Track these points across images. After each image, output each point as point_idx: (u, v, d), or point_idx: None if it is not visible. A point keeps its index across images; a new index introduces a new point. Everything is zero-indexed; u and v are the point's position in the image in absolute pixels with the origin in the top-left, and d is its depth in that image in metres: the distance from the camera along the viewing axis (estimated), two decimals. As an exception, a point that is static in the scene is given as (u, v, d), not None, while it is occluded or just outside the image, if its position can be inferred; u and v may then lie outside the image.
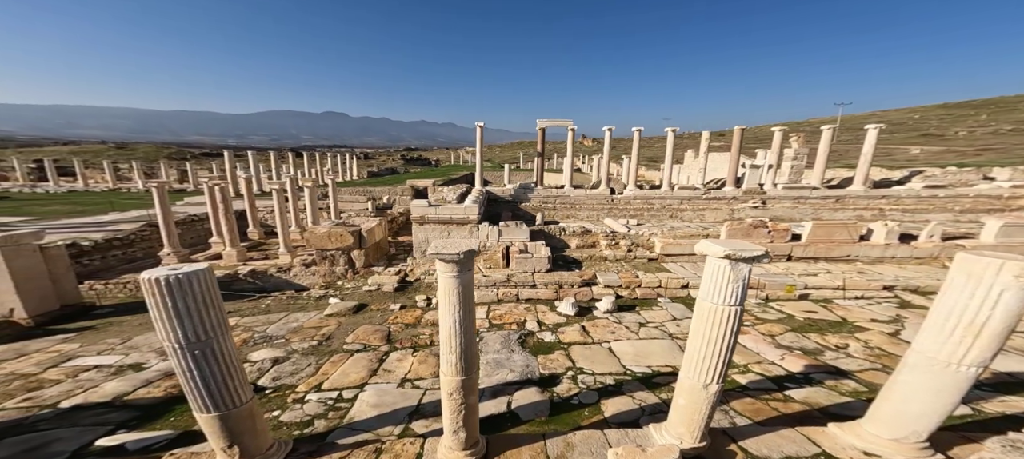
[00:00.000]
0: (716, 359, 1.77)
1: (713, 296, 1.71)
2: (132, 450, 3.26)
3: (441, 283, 2.45)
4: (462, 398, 2.70)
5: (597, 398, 3.87)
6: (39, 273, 5.46)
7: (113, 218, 10.41)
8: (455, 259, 2.32)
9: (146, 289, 2.19)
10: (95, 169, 32.45)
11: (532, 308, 7.10)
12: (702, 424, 2.05)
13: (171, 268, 2.31)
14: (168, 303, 2.21)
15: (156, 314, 2.25)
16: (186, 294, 2.23)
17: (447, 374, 2.67)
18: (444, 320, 2.54)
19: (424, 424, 3.71)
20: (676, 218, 12.94)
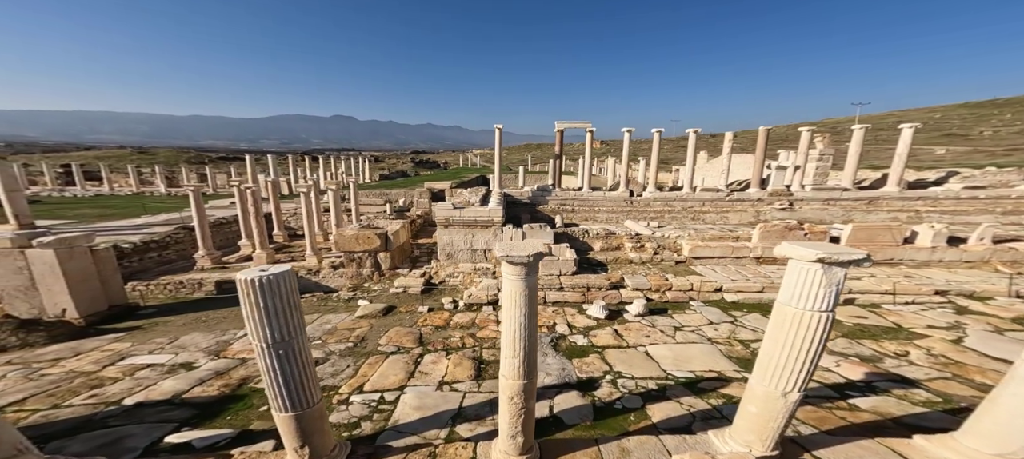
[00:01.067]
0: (800, 367, 1.78)
1: (799, 301, 1.73)
2: (198, 448, 3.41)
3: (507, 286, 2.50)
4: (522, 403, 2.74)
5: (641, 403, 3.88)
6: (90, 274, 5.76)
7: (145, 221, 10.85)
8: (524, 262, 2.37)
9: (241, 289, 2.29)
10: (119, 173, 33.79)
11: (560, 311, 7.14)
12: (776, 433, 2.05)
13: (261, 269, 2.42)
14: (260, 303, 2.31)
15: (248, 313, 2.35)
16: (275, 294, 2.33)
17: (509, 377, 2.72)
18: (508, 323, 2.59)
19: (469, 427, 3.77)
20: (698, 220, 12.80)
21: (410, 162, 62.18)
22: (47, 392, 3.83)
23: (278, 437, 3.62)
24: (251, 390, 4.42)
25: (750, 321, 5.66)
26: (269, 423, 3.78)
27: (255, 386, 4.48)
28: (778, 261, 7.64)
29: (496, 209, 9.40)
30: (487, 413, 3.97)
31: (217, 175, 33.59)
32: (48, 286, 5.39)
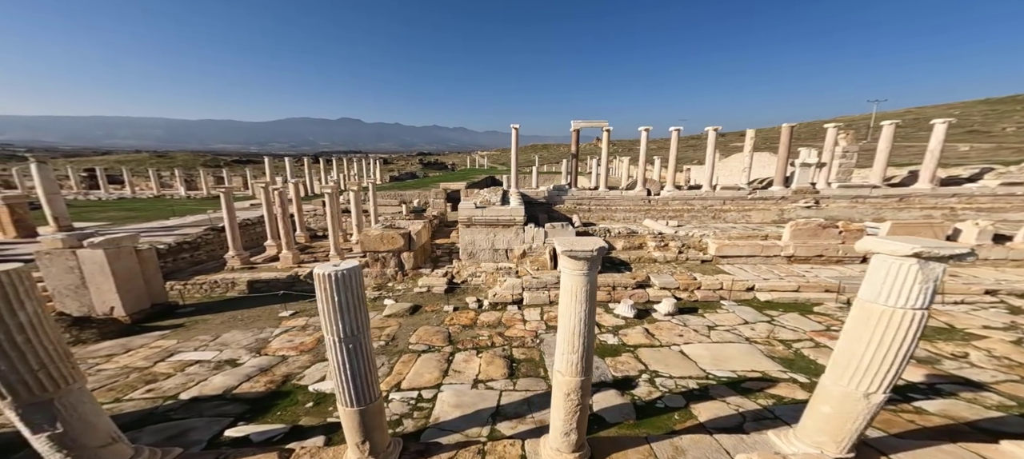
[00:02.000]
0: (887, 367, 1.76)
1: (887, 298, 1.71)
2: (256, 441, 3.52)
3: (566, 281, 2.52)
4: (579, 399, 2.76)
5: (684, 402, 3.87)
6: (135, 274, 6.00)
7: (174, 223, 11.22)
8: (588, 256, 2.39)
9: (319, 283, 2.36)
10: (140, 177, 34.88)
11: (586, 310, 7.14)
12: (854, 435, 2.02)
13: (334, 264, 2.49)
14: (335, 297, 2.39)
15: (323, 307, 2.43)
16: (347, 289, 2.40)
17: (566, 374, 2.74)
18: (567, 319, 2.61)
19: (510, 425, 3.81)
20: (719, 219, 12.64)
21: (418, 163, 62.80)
22: (107, 386, 4.01)
23: (327, 432, 3.75)
24: (295, 387, 4.54)
25: (788, 321, 5.59)
26: (317, 419, 3.89)
27: (298, 383, 4.61)
28: (810, 260, 7.51)
29: (518, 209, 9.45)
30: (525, 411, 4.01)
31: (233, 178, 34.44)
32: (97, 285, 5.63)
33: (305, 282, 8.38)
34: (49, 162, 11.13)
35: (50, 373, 1.99)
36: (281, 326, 6.55)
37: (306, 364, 5.11)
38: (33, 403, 1.98)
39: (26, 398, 1.95)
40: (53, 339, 2.03)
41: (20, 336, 1.90)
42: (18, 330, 1.89)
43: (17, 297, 1.87)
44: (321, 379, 4.65)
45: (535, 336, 6.05)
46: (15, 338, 1.88)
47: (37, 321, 1.94)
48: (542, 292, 7.79)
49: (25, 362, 1.90)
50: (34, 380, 1.94)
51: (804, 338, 4.96)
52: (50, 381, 1.99)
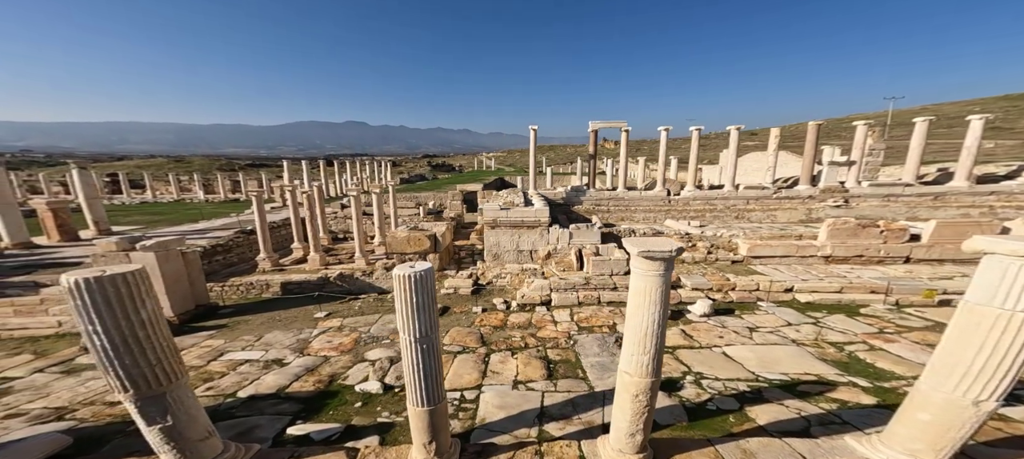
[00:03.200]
0: (1002, 374, 1.72)
1: (1005, 300, 1.68)
2: (317, 440, 3.61)
3: (640, 282, 2.51)
4: (647, 401, 2.76)
5: (737, 404, 3.84)
6: (181, 275, 6.21)
7: (203, 226, 11.54)
8: (665, 256, 2.39)
9: (399, 284, 2.41)
10: (160, 181, 35.89)
11: (617, 311, 7.15)
12: (957, 444, 1.96)
13: (410, 265, 2.55)
14: (413, 298, 2.44)
15: (401, 308, 2.48)
16: (423, 290, 2.45)
17: (635, 375, 2.74)
18: (639, 320, 2.61)
19: (557, 426, 3.82)
20: (742, 219, 12.47)
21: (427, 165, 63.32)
22: (170, 385, 4.14)
23: (379, 432, 3.83)
24: (341, 387, 4.64)
25: (834, 323, 5.50)
26: (368, 419, 3.97)
27: (343, 383, 4.71)
28: (850, 261, 7.35)
29: (543, 210, 9.47)
30: (570, 412, 4.03)
31: (248, 181, 35.19)
32: None
33: (335, 284, 8.53)
34: (101, 166, 11.51)
35: (164, 367, 2.09)
36: (318, 327, 6.68)
37: (347, 364, 5.21)
38: (149, 396, 2.09)
39: (144, 391, 2.06)
40: (165, 336, 2.13)
41: (141, 332, 2.00)
42: (140, 326, 1.99)
43: (140, 296, 1.98)
44: (364, 379, 4.74)
45: (568, 337, 6.07)
46: (137, 334, 1.99)
47: (154, 318, 2.05)
48: (570, 293, 7.79)
49: (145, 357, 2.00)
50: (152, 374, 2.04)
51: (856, 341, 4.87)
52: (164, 375, 2.09)
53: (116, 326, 1.93)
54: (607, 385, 4.48)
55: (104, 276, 1.87)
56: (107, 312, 1.89)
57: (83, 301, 1.84)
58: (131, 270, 1.96)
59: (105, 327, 1.91)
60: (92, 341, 1.91)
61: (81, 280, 1.83)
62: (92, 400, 3.63)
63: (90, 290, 1.83)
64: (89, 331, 1.89)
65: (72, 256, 7.91)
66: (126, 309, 1.95)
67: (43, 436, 2.76)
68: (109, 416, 3.28)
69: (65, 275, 1.84)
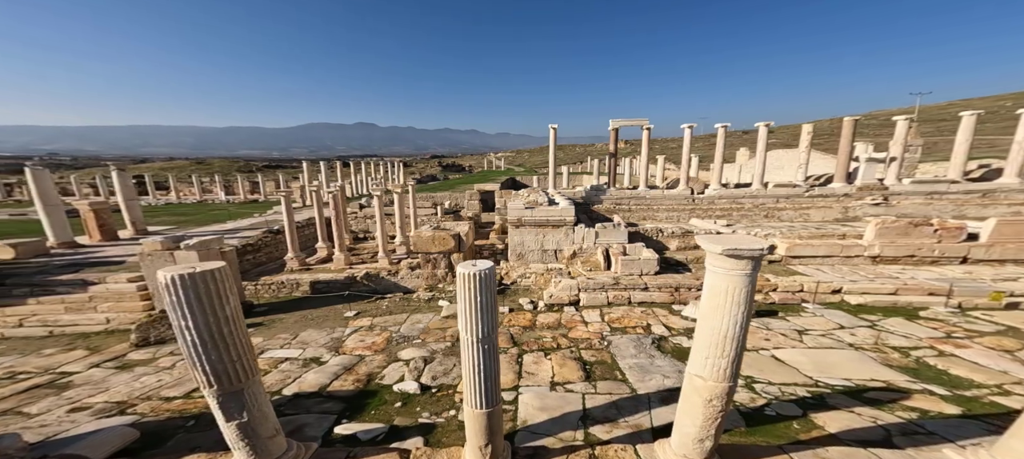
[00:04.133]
0: None
1: None
2: (363, 440, 3.59)
3: (720, 281, 2.39)
4: (722, 406, 2.62)
5: (799, 410, 3.66)
6: None
7: (232, 226, 11.81)
8: (753, 255, 2.26)
9: (464, 282, 2.35)
10: (183, 183, 37.09)
11: (649, 311, 6.98)
12: None
13: (472, 263, 2.48)
14: (478, 297, 2.37)
15: (465, 307, 2.42)
16: (487, 289, 2.38)
17: (710, 379, 2.61)
18: (716, 322, 2.48)
19: (604, 429, 3.71)
20: (772, 218, 12.06)
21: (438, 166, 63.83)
22: (217, 382, 4.18)
23: (422, 433, 3.78)
24: (379, 386, 4.62)
25: (893, 326, 5.21)
26: (409, 420, 3.93)
27: (381, 383, 4.69)
28: (900, 261, 6.98)
29: (568, 209, 9.34)
30: (615, 415, 3.91)
31: (266, 182, 36.05)
32: None
33: (362, 283, 8.59)
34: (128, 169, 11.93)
35: (243, 364, 2.08)
36: (349, 326, 6.71)
37: (382, 364, 5.20)
38: (231, 392, 2.08)
39: (226, 387, 2.06)
40: (244, 332, 2.12)
41: (225, 328, 2.00)
42: (224, 322, 1.99)
43: (225, 292, 1.96)
44: (400, 379, 4.72)
45: (601, 338, 5.96)
46: (222, 329, 1.98)
47: (236, 315, 2.04)
48: (599, 293, 7.65)
49: (228, 353, 1.99)
50: (233, 370, 2.04)
51: (921, 346, 4.59)
52: (243, 371, 2.09)
53: (205, 321, 1.94)
54: (650, 388, 4.35)
55: (196, 273, 1.86)
56: (198, 307, 1.89)
57: (177, 297, 1.84)
58: (218, 268, 1.95)
59: (195, 322, 1.91)
60: (183, 336, 1.91)
61: (176, 276, 1.83)
62: (148, 395, 3.69)
63: (184, 286, 1.83)
64: (181, 326, 1.89)
65: (115, 255, 8.19)
66: (214, 305, 1.94)
67: (114, 429, 2.80)
68: (167, 411, 3.32)
69: (161, 271, 1.86)
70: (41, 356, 5.17)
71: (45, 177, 8.83)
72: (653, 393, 4.23)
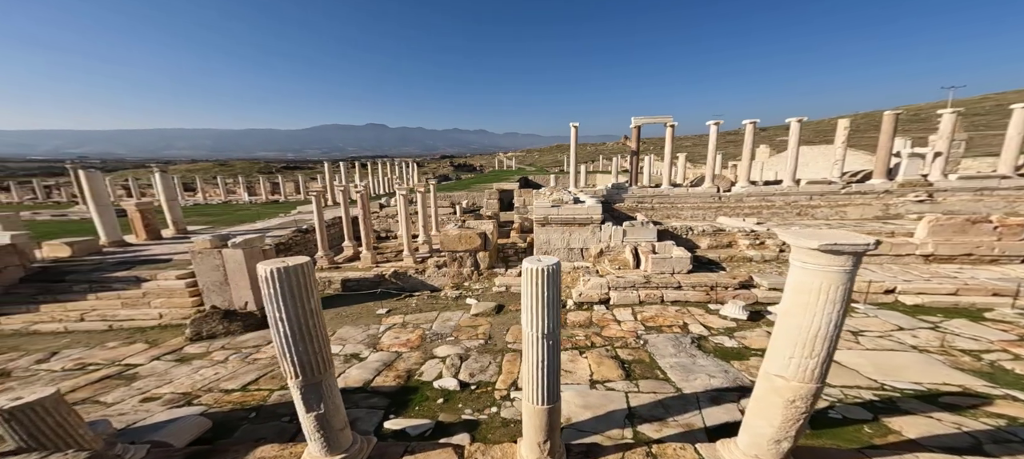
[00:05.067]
0: None
1: None
2: (413, 436, 3.59)
3: (811, 278, 2.24)
4: (806, 408, 2.49)
5: (869, 414, 3.49)
6: None
7: (261, 226, 12.15)
8: (855, 251, 2.11)
9: (529, 276, 2.30)
10: (209, 184, 38.44)
11: (684, 311, 6.83)
12: None
13: (537, 258, 2.43)
14: (545, 293, 2.32)
15: (531, 302, 2.36)
16: (554, 284, 2.33)
17: (794, 379, 2.47)
18: (805, 320, 2.33)
19: (653, 428, 3.64)
20: (805, 216, 11.63)
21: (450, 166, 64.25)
22: (268, 375, 4.27)
23: (467, 430, 3.76)
24: (420, 382, 4.64)
25: (958, 327, 4.91)
26: (453, 416, 3.93)
27: (420, 379, 4.71)
28: (956, 260, 6.58)
29: (595, 207, 9.22)
30: (662, 414, 3.83)
31: (285, 183, 37.00)
32: (236, 281, 6.17)
33: (391, 282, 8.68)
34: (161, 172, 12.37)
35: (323, 357, 2.10)
36: (383, 323, 6.78)
37: (419, 360, 5.22)
38: (312, 383, 2.10)
39: (309, 378, 2.07)
40: (322, 325, 2.13)
41: (310, 321, 2.01)
42: (309, 315, 2.00)
43: (309, 286, 1.98)
44: (438, 376, 4.73)
45: (636, 337, 5.87)
46: (308, 321, 1.99)
47: (317, 307, 2.05)
48: (630, 292, 7.51)
49: (312, 344, 2.01)
50: (315, 362, 2.06)
51: (993, 349, 4.32)
52: (323, 364, 2.10)
53: (295, 313, 1.97)
54: (696, 387, 4.25)
55: (289, 266, 1.88)
56: (290, 300, 1.92)
57: (274, 289, 1.87)
58: (304, 263, 1.97)
59: (288, 314, 1.94)
60: (277, 328, 1.93)
61: (275, 269, 1.86)
62: (209, 387, 3.80)
63: (280, 278, 1.86)
64: (276, 318, 1.92)
65: (161, 254, 8.52)
66: (302, 298, 1.97)
67: (190, 419, 2.88)
68: (229, 403, 3.41)
69: (260, 265, 1.92)
70: (105, 348, 5.41)
71: (98, 178, 9.29)
72: (701, 393, 4.14)
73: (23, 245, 7.30)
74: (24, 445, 1.89)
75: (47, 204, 29.34)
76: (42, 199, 32.15)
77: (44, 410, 1.93)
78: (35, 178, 38.15)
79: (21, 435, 1.89)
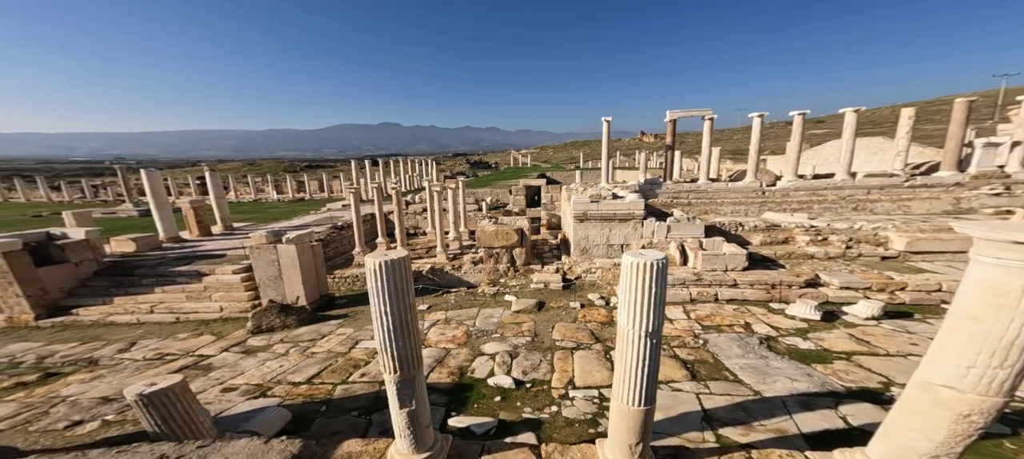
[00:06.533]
0: None
1: None
2: (478, 433, 3.49)
3: (1002, 278, 1.91)
4: (983, 423, 2.16)
5: (1008, 429, 3.13)
6: (311, 267, 6.65)
7: (298, 223, 12.50)
8: None
9: (634, 271, 2.15)
10: (239, 183, 40.17)
11: (744, 310, 6.50)
12: None
13: (638, 252, 2.27)
14: (654, 289, 2.15)
15: (634, 298, 2.20)
16: (662, 280, 2.15)
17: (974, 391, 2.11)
18: (997, 325, 1.98)
19: (738, 432, 3.41)
20: (863, 211, 10.86)
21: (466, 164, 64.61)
22: (329, 368, 4.29)
23: (532, 429, 3.61)
24: (473, 380, 4.55)
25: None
26: (513, 415, 3.81)
27: (472, 376, 4.63)
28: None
29: (637, 202, 8.91)
30: (744, 418, 3.49)
31: (310, 182, 38.19)
32: (288, 276, 6.33)
33: (428, 278, 8.68)
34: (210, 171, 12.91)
35: (416, 352, 2.03)
36: (426, 319, 6.75)
37: (468, 357, 5.15)
38: (407, 379, 2.03)
39: (404, 374, 2.00)
40: (416, 320, 2.05)
41: (409, 315, 1.93)
42: (408, 309, 1.92)
43: (409, 279, 1.90)
44: (490, 374, 4.65)
45: (694, 336, 5.63)
46: (407, 316, 1.91)
47: (413, 302, 1.97)
48: (681, 290, 7.19)
49: (409, 339, 1.94)
50: (411, 357, 1.99)
51: None
52: (416, 360, 2.03)
53: (398, 307, 1.88)
54: (778, 391, 3.89)
55: (395, 259, 1.80)
56: (394, 293, 1.84)
57: (381, 282, 1.80)
58: (404, 256, 1.88)
59: (392, 308, 1.86)
60: (381, 322, 1.86)
61: (382, 262, 1.79)
62: (278, 379, 3.85)
63: (387, 271, 1.79)
64: (381, 312, 1.85)
65: (215, 249, 8.89)
66: (403, 291, 1.88)
67: (272, 411, 2.88)
68: (299, 396, 3.42)
69: (367, 257, 1.86)
70: (177, 340, 5.67)
71: (157, 177, 9.85)
72: (785, 397, 3.88)
73: (95, 240, 7.78)
74: (159, 430, 1.91)
75: (95, 203, 31.44)
76: (90, 198, 34.50)
77: (174, 396, 1.95)
78: (83, 178, 40.93)
79: (156, 420, 1.91)
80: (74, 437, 2.30)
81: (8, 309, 6.51)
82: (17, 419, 2.71)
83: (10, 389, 3.79)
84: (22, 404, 3.09)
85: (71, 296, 7.22)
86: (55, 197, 33.95)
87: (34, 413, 2.80)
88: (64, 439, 2.32)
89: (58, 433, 2.41)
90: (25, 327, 6.58)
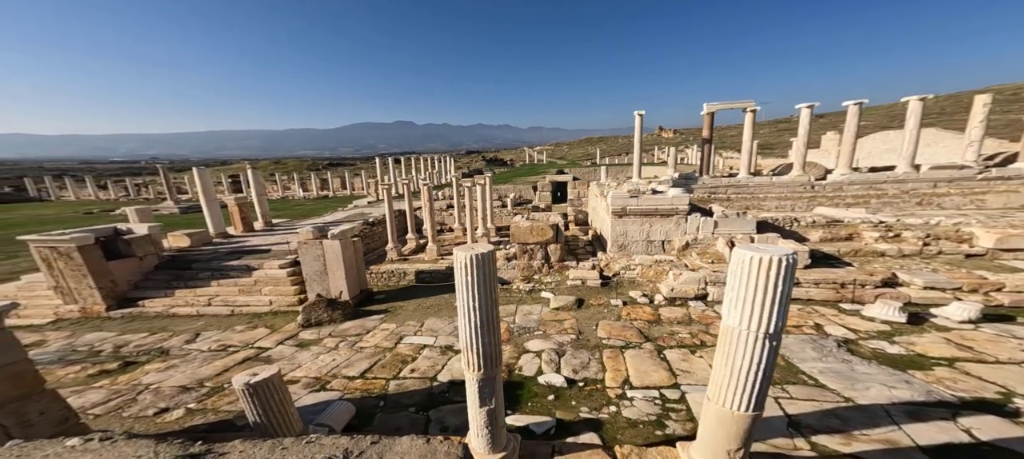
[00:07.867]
0: None
1: None
2: (537, 433, 3.42)
3: None
4: None
5: None
6: (353, 263, 6.81)
7: (330, 219, 12.87)
8: None
9: (749, 266, 2.00)
10: (266, 181, 41.92)
11: (811, 310, 6.19)
12: None
13: (757, 247, 2.11)
14: (779, 286, 1.99)
15: (750, 295, 2.04)
16: (790, 278, 1.99)
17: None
18: None
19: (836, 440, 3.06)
20: (928, 206, 10.04)
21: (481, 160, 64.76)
22: (380, 363, 4.34)
23: (593, 429, 3.52)
24: (522, 378, 4.49)
25: None
26: (570, 415, 3.77)
27: (522, 374, 4.58)
28: None
29: (681, 197, 8.58)
30: (840, 426, 3.26)
31: (333, 180, 39.36)
32: (333, 271, 6.51)
33: (462, 273, 8.69)
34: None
35: (498, 351, 1.97)
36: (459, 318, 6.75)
37: (514, 355, 5.10)
38: (487, 377, 1.99)
39: (487, 372, 1.95)
40: (497, 318, 1.99)
41: (493, 311, 1.88)
42: (494, 305, 1.86)
43: (495, 275, 1.84)
44: (539, 371, 4.60)
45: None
46: (492, 312, 1.86)
47: (497, 298, 1.91)
48: (732, 290, 6.85)
49: (493, 336, 1.89)
50: (493, 355, 1.95)
51: None
52: (497, 357, 1.99)
53: (485, 303, 1.83)
54: (873, 398, 3.64)
55: (484, 253, 1.73)
56: (483, 289, 1.78)
57: (470, 277, 1.76)
58: (490, 251, 1.82)
59: (481, 303, 1.81)
60: (469, 318, 1.82)
61: (472, 256, 1.73)
62: (334, 373, 3.93)
63: (477, 265, 1.72)
64: (470, 308, 1.81)
65: (259, 244, 9.33)
66: (490, 287, 1.82)
67: (340, 404, 2.93)
68: (357, 390, 3.47)
69: (458, 250, 1.81)
70: (235, 332, 5.95)
71: (206, 176, 10.42)
72: (887, 406, 3.63)
73: (156, 236, 8.32)
74: (259, 418, 1.95)
75: (138, 200, 33.67)
76: (133, 196, 36.96)
77: (273, 387, 1.99)
78: (127, 177, 43.85)
79: (258, 409, 1.96)
80: (164, 424, 2.39)
81: (82, 300, 7.02)
82: (109, 405, 2.88)
83: (95, 376, 4.07)
84: (110, 391, 3.29)
85: (137, 288, 7.72)
86: (102, 195, 36.60)
87: (123, 400, 2.97)
88: (156, 425, 2.41)
89: (149, 419, 2.52)
90: (98, 318, 7.08)
